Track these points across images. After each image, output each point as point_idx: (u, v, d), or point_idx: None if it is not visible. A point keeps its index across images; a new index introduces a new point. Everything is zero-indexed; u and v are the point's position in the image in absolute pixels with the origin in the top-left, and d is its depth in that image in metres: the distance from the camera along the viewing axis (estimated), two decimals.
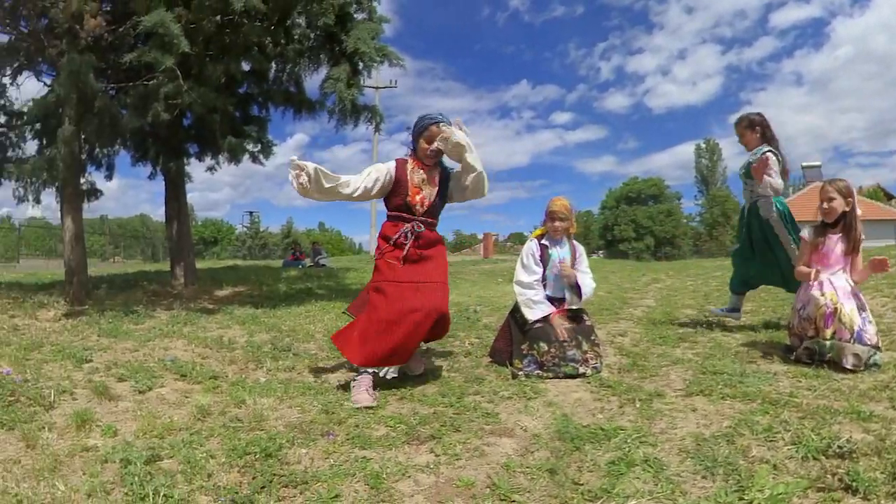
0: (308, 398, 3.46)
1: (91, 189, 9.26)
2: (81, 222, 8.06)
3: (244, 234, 51.07)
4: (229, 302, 8.11)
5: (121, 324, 6.01)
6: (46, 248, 29.32)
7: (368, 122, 9.00)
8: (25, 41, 7.85)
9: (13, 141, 8.86)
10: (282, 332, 5.69)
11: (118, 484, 2.26)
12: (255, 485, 2.21)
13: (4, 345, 4.75)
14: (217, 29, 7.46)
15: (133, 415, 3.18)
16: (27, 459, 2.52)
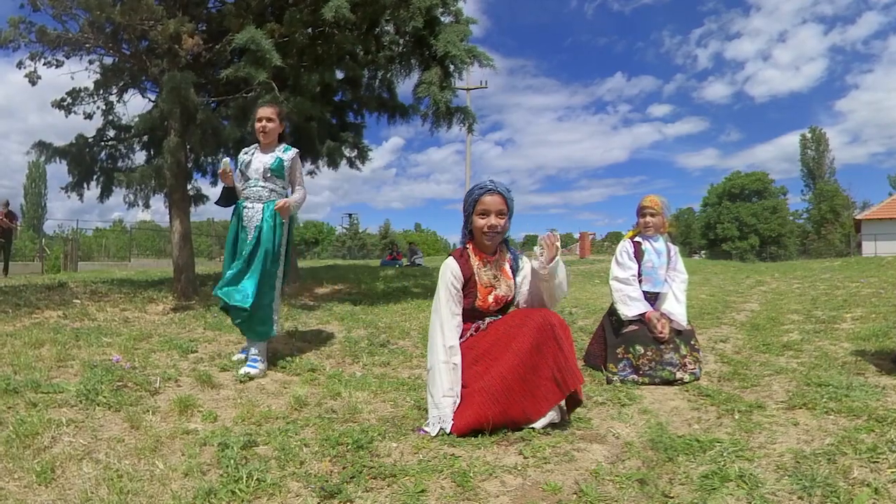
0: (401, 393, 3.51)
1: (197, 194, 9.92)
2: (189, 224, 8.68)
3: (344, 235, 52.88)
4: (329, 299, 8.42)
5: (225, 318, 6.34)
6: (156, 248, 31.58)
7: (461, 123, 9.06)
8: (128, 62, 8.59)
9: (122, 152, 9.63)
10: (378, 329, 5.84)
11: (214, 466, 2.39)
12: (345, 474, 2.26)
13: (115, 335, 5.15)
14: (309, 41, 7.80)
15: (233, 402, 3.37)
16: (130, 439, 2.72)
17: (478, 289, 2.95)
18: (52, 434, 2.68)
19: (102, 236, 31.88)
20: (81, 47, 8.34)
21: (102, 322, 6.00)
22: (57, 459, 2.40)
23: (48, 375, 3.65)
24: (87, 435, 2.73)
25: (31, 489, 2.17)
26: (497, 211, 2.89)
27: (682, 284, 4.02)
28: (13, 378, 3.43)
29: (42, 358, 4.09)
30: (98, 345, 4.65)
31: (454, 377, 2.82)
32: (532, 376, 2.68)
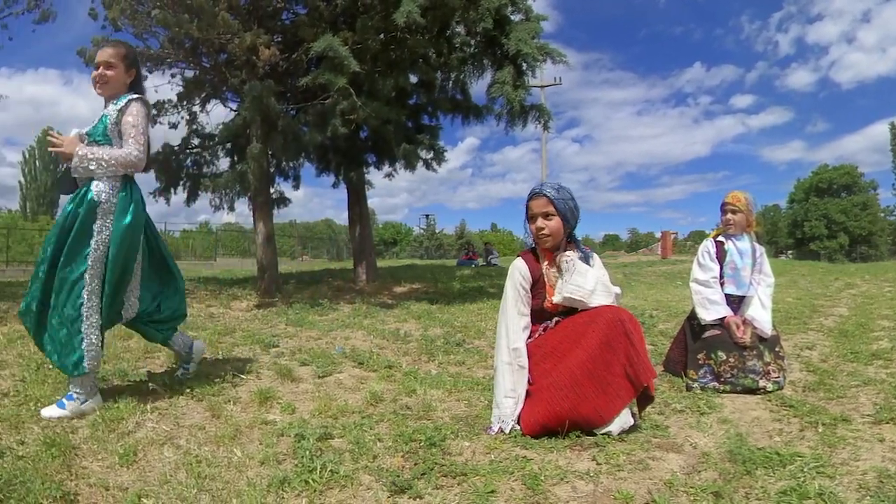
0: (476, 393, 3.49)
1: (280, 197, 10.35)
2: (272, 226, 9.07)
3: (421, 235, 53.52)
4: (406, 298, 8.55)
5: (306, 315, 6.62)
6: (240, 248, 33.21)
7: (536, 121, 8.97)
8: (209, 74, 9.09)
9: (207, 159, 10.17)
10: (454, 328, 5.86)
11: (290, 456, 2.45)
12: (416, 471, 2.26)
13: (201, 329, 5.46)
14: (382, 46, 7.96)
15: (311, 396, 3.45)
16: (211, 427, 2.83)
17: (546, 289, 2.90)
18: (137, 420, 2.85)
19: (189, 237, 33.86)
20: (163, 62, 8.96)
21: (189, 317, 6.30)
22: (140, 443, 2.55)
23: (135, 365, 3.91)
24: (169, 422, 2.88)
25: (113, 470, 2.31)
26: (542, 213, 2.85)
27: (768, 289, 3.79)
28: (102, 367, 3.66)
29: (130, 349, 4.38)
30: None
31: (517, 378, 2.79)
32: (603, 372, 2.59)
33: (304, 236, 45.66)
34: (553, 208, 2.84)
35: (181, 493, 2.09)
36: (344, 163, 10.00)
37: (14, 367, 3.68)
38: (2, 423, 2.68)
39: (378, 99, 7.90)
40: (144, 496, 2.06)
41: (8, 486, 2.00)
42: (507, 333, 2.84)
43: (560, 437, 2.62)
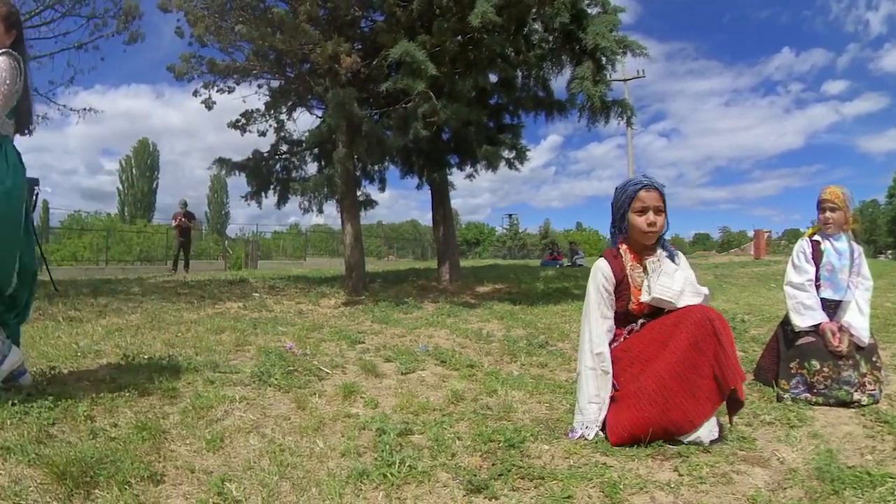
0: (557, 396, 3.44)
1: (366, 200, 10.64)
2: (359, 227, 9.34)
3: (504, 235, 53.33)
4: (489, 298, 8.54)
5: (392, 313, 6.75)
6: (329, 249, 34.38)
7: (620, 116, 8.74)
8: (294, 84, 9.48)
9: (295, 164, 10.62)
10: (537, 329, 5.80)
11: (370, 449, 2.51)
12: (493, 471, 2.25)
13: (290, 325, 5.66)
14: (460, 48, 7.97)
15: (394, 392, 3.52)
16: (296, 418, 2.94)
17: (631, 291, 2.77)
18: (226, 408, 3.00)
19: (280, 238, 35.49)
20: (249, 74, 9.44)
21: (278, 313, 6.63)
22: (227, 431, 2.68)
23: (226, 358, 4.10)
24: (256, 411, 3.01)
25: (199, 454, 2.44)
26: (655, 207, 2.71)
27: (866, 293, 3.49)
28: (195, 358, 3.91)
29: (222, 342, 4.60)
30: (273, 333, 5.15)
31: (601, 384, 2.70)
32: (692, 375, 2.46)
33: (389, 237, 46.70)
34: (663, 203, 2.74)
35: (263, 479, 2.18)
36: (427, 164, 10.14)
37: (111, 357, 3.94)
38: (97, 407, 2.89)
39: (458, 100, 7.94)
40: (228, 480, 2.17)
41: (99, 464, 2.16)
42: (591, 337, 2.74)
43: (642, 445, 2.52)
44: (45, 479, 2.06)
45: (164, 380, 3.34)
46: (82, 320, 5.45)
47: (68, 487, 2.02)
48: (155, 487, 2.14)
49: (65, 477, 2.05)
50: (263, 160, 10.10)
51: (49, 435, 2.48)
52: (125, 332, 4.84)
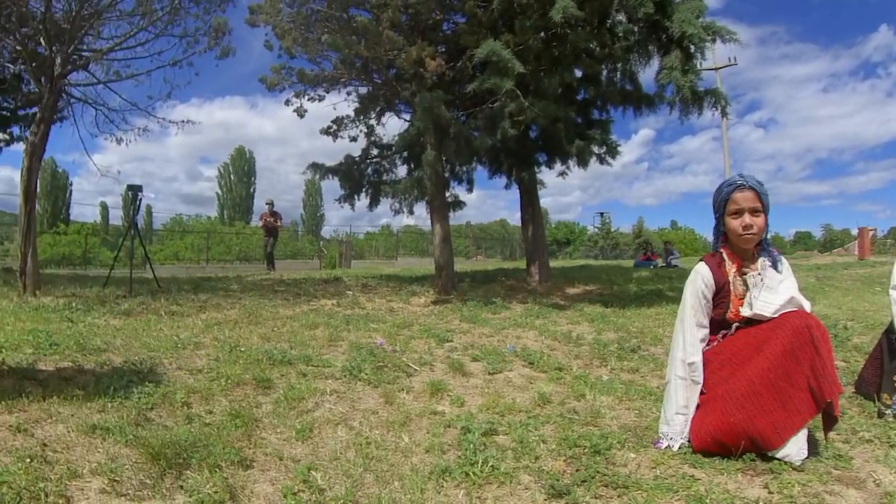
0: (647, 403, 3.33)
1: (455, 201, 10.69)
2: (448, 227, 9.43)
3: (595, 234, 51.98)
4: (580, 299, 8.37)
5: (480, 312, 6.76)
6: (419, 249, 35.06)
7: (713, 107, 8.30)
8: (381, 89, 9.67)
9: (386, 167, 10.88)
10: (629, 333, 5.64)
11: (454, 447, 2.53)
12: (577, 477, 2.21)
13: (381, 322, 5.80)
14: (543, 44, 7.89)
15: (481, 391, 3.54)
16: (383, 412, 3.02)
17: (731, 299, 2.60)
18: (316, 400, 3.13)
19: (372, 239, 36.57)
20: (337, 82, 9.74)
21: (370, 311, 6.82)
22: (316, 422, 2.80)
23: (319, 352, 4.25)
24: (346, 404, 3.11)
25: (288, 443, 2.55)
26: (751, 208, 2.52)
27: None
28: (289, 352, 4.08)
29: (316, 338, 4.77)
30: (365, 329, 5.30)
31: (690, 394, 2.56)
32: (784, 384, 2.29)
33: (478, 237, 46.81)
34: (760, 203, 2.53)
35: (348, 469, 2.24)
36: (515, 164, 10.08)
37: (209, 349, 4.19)
38: (194, 395, 3.07)
39: (545, 98, 7.84)
40: (314, 469, 2.25)
41: (192, 448, 2.30)
42: (684, 346, 2.60)
43: (732, 458, 2.37)
44: (140, 458, 2.21)
45: (259, 371, 3.52)
46: (183, 314, 5.83)
47: (161, 468, 2.16)
48: (244, 472, 2.24)
49: (159, 458, 2.19)
50: (355, 164, 10.42)
51: (147, 418, 2.67)
52: (223, 326, 5.12)
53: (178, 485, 2.11)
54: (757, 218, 2.53)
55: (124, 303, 6.39)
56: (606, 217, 52.34)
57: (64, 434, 2.38)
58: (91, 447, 2.31)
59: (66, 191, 50.30)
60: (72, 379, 3.12)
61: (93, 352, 3.71)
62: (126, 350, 3.90)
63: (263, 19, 8.76)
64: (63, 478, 2.03)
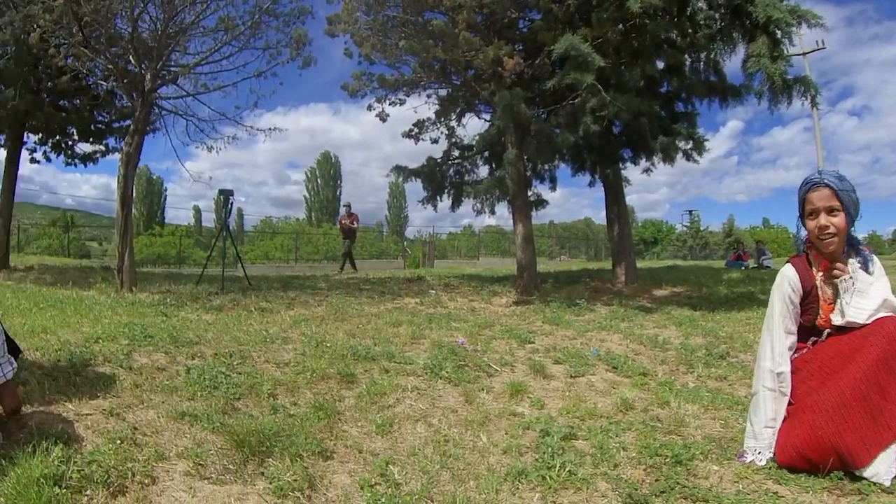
0: (734, 413, 3.18)
1: (538, 200, 10.58)
2: (531, 227, 9.34)
3: (684, 233, 49.96)
4: (667, 302, 8.09)
5: (563, 314, 6.64)
6: (501, 248, 35.12)
7: (802, 96, 7.76)
8: (461, 90, 9.74)
9: (468, 168, 10.91)
10: (718, 338, 5.38)
11: (532, 449, 2.52)
12: (656, 487, 2.15)
13: (462, 321, 5.82)
14: (622, 36, 7.65)
15: (561, 394, 3.50)
16: (463, 411, 3.06)
17: (819, 304, 2.45)
18: (397, 396, 3.20)
19: (455, 239, 37.04)
20: (417, 85, 9.91)
21: (452, 310, 6.89)
22: (396, 417, 2.86)
23: (402, 349, 4.33)
24: (426, 401, 3.17)
25: (369, 436, 2.63)
26: (826, 208, 2.36)
27: None
28: (373, 348, 4.18)
29: (399, 335, 4.86)
30: (447, 328, 5.34)
31: (779, 406, 2.41)
32: (876, 396, 2.12)
33: (561, 236, 46.15)
34: (838, 202, 2.36)
35: (425, 466, 2.28)
36: (599, 161, 9.86)
37: (297, 343, 4.34)
38: (280, 387, 3.21)
39: (627, 91, 7.62)
40: (392, 463, 2.31)
41: (275, 437, 2.41)
42: (772, 354, 2.47)
43: (819, 475, 2.22)
44: (225, 445, 2.34)
45: (344, 366, 3.64)
46: (272, 311, 6.09)
47: (245, 454, 2.28)
48: (323, 462, 2.33)
49: (243, 445, 2.31)
50: (437, 166, 10.53)
51: (234, 407, 2.82)
52: (311, 323, 5.30)
53: (259, 471, 2.22)
54: (834, 218, 2.36)
55: (216, 299, 6.74)
56: (695, 215, 50.23)
57: (154, 419, 2.55)
58: (179, 432, 2.46)
59: (161, 196, 55.08)
60: (164, 369, 3.32)
61: (185, 344, 3.90)
62: (217, 343, 4.09)
63: (342, 28, 9.04)
64: (150, 459, 2.18)
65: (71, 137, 12.14)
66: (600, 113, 7.47)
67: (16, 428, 2.26)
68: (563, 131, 8.33)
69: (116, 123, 11.95)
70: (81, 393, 2.72)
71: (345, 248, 16.21)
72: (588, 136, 8.16)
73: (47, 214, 43.55)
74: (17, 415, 2.28)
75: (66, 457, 2.03)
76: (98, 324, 4.34)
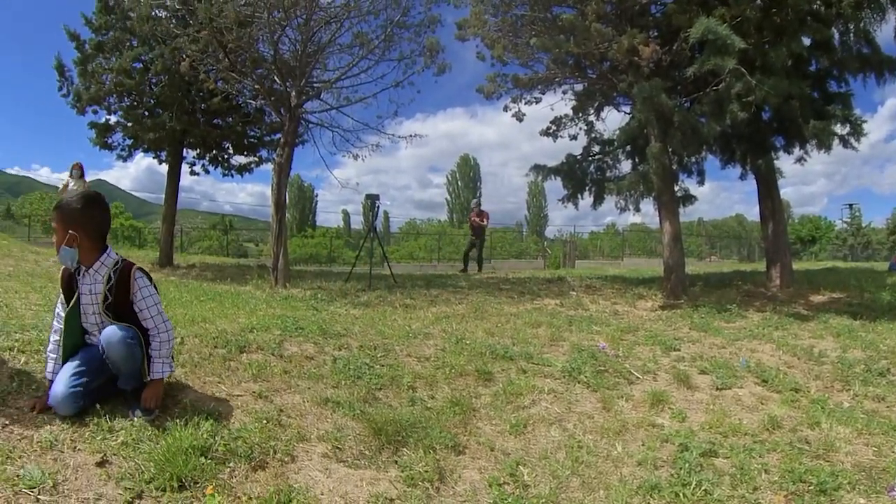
0: (889, 440, 2.90)
1: (685, 195, 9.97)
2: (678, 225, 8.86)
3: (844, 231, 44.44)
4: (825, 309, 7.31)
5: (712, 320, 6.26)
6: (646, 248, 33.50)
7: None
8: (597, 84, 9.41)
9: (609, 164, 10.47)
10: (879, 353, 4.81)
11: (668, 464, 2.45)
12: None
13: (604, 325, 5.68)
14: (762, 14, 7.07)
15: (705, 407, 3.34)
16: (599, 418, 3.03)
17: None
18: (534, 398, 3.24)
19: (597, 238, 36.12)
20: (552, 82, 9.74)
21: (594, 312, 6.74)
22: (531, 419, 2.91)
23: (541, 350, 4.35)
24: (562, 405, 3.18)
25: (501, 435, 2.70)
26: None
27: None
28: (511, 348, 4.24)
29: (538, 336, 4.89)
30: (587, 331, 5.27)
31: None
32: None
33: (711, 235, 43.14)
34: None
35: (555, 470, 2.30)
36: (749, 150, 9.09)
37: (438, 339, 4.51)
38: (420, 380, 3.36)
39: (773, 73, 6.99)
40: (522, 464, 2.35)
41: (411, 428, 2.54)
42: None
43: None
44: (364, 431, 2.52)
45: (482, 364, 3.75)
46: (415, 307, 6.35)
47: (381, 442, 2.44)
48: (455, 457, 2.43)
49: (380, 433, 2.48)
50: (577, 163, 10.29)
51: (375, 397, 3.01)
52: (451, 320, 5.47)
53: (393, 459, 2.36)
54: None
55: (363, 295, 7.14)
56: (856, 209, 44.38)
57: (299, 403, 2.80)
58: (321, 417, 2.68)
59: (312, 201, 60.62)
60: (312, 358, 3.59)
61: (333, 336, 4.15)
62: (362, 336, 4.34)
63: (472, 32, 9.16)
64: (292, 440, 2.40)
65: (226, 151, 13.42)
66: (747, 98, 6.94)
67: (171, 404, 2.54)
68: (709, 120, 7.82)
69: (267, 137, 13.06)
70: (235, 376, 3.02)
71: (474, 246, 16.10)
72: (735, 125, 7.59)
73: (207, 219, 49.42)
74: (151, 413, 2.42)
75: (215, 431, 2.28)
76: (253, 315, 4.70)
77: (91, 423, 2.25)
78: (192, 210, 63.18)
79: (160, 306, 2.54)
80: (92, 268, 2.45)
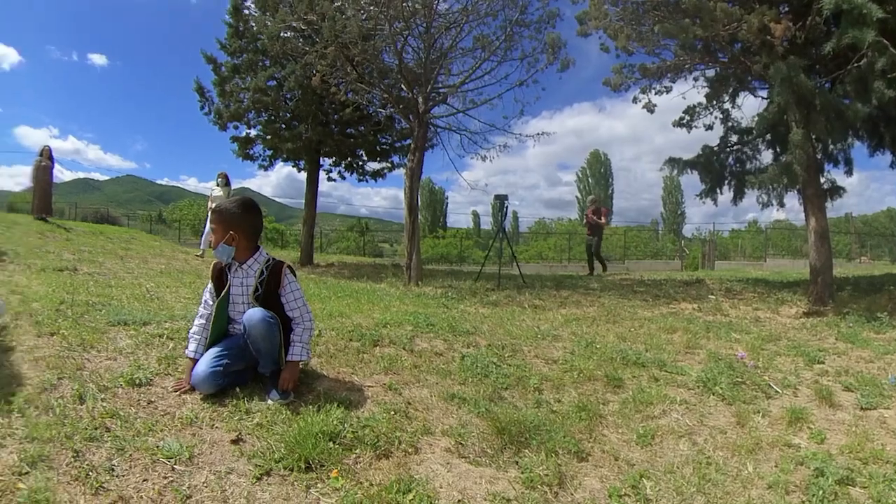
0: None
1: (832, 187, 9.02)
2: (825, 221, 8.07)
3: None
4: None
5: (861, 330, 5.62)
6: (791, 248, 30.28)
7: None
8: (729, 68, 8.77)
9: (748, 154, 9.67)
10: None
11: (801, 489, 2.29)
12: None
13: (744, 332, 5.33)
14: None
15: (847, 429, 3.06)
16: (732, 433, 2.87)
17: None
18: (664, 408, 3.14)
19: (738, 237, 33.51)
20: (681, 69, 9.24)
21: (733, 318, 6.35)
22: (660, 430, 2.83)
23: (674, 358, 4.20)
24: (693, 417, 3.06)
25: (627, 445, 2.65)
26: None
27: None
28: (644, 354, 4.13)
29: (672, 342, 4.71)
30: (726, 339, 4.98)
31: None
32: None
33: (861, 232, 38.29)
34: None
35: (680, 486, 2.24)
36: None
37: (566, 342, 4.48)
38: (546, 382, 3.37)
39: None
40: (646, 477, 2.31)
41: (535, 430, 2.57)
42: None
43: None
44: (487, 430, 2.59)
45: (612, 369, 3.70)
46: (544, 308, 6.34)
47: (503, 441, 2.50)
48: (577, 463, 2.44)
49: (503, 432, 2.54)
50: (714, 154, 9.66)
51: (500, 397, 3.08)
52: (581, 322, 5.41)
53: (514, 460, 2.41)
54: None
55: (492, 295, 7.25)
56: None
57: (426, 397, 2.92)
58: (447, 412, 2.79)
59: (443, 203, 62.50)
60: (441, 354, 3.71)
61: (462, 333, 4.25)
62: (491, 335, 4.41)
63: (593, 25, 8.96)
64: (417, 432, 2.52)
65: (360, 158, 14.26)
66: (893, 74, 6.22)
67: (306, 390, 2.76)
68: (853, 101, 7.06)
69: (398, 143, 13.73)
70: (367, 368, 3.20)
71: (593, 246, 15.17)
72: (883, 105, 6.80)
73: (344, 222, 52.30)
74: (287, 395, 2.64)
75: (344, 419, 2.45)
76: (387, 311, 4.91)
77: (230, 404, 2.51)
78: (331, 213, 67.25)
79: (304, 299, 2.84)
80: (245, 264, 2.78)
